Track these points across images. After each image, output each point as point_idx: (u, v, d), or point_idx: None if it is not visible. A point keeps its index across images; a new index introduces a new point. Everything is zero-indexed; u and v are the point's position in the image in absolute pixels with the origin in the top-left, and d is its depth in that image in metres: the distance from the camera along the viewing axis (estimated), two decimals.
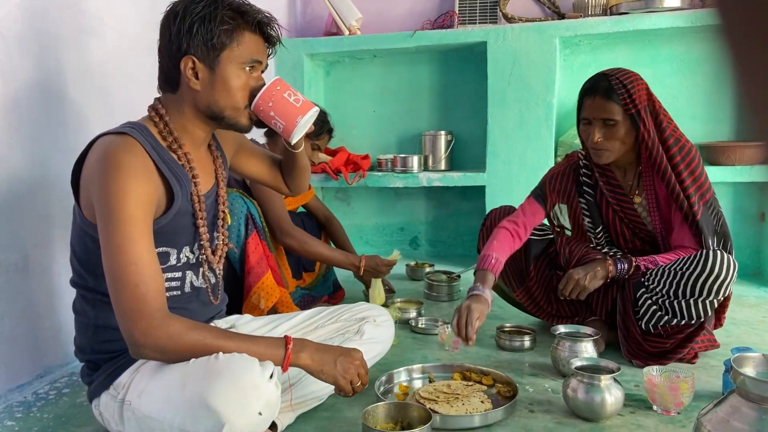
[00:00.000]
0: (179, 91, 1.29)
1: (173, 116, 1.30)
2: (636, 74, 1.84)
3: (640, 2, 2.87)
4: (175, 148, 1.29)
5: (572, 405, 1.46)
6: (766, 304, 2.46)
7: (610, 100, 1.78)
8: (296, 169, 1.63)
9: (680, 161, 1.80)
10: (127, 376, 1.25)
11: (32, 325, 1.73)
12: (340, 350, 1.29)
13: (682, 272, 1.72)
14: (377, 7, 3.47)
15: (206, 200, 1.36)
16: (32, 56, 1.72)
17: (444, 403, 1.49)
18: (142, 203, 1.15)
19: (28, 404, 1.61)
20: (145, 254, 1.13)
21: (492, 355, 1.93)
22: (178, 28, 1.23)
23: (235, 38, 1.25)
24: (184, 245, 1.33)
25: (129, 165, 1.16)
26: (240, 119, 1.31)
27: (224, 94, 1.27)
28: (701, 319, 1.73)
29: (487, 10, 3.26)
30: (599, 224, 1.99)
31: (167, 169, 1.24)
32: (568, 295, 1.84)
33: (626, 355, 1.83)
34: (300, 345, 1.23)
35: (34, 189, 1.74)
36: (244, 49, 1.27)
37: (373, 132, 3.55)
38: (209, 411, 1.07)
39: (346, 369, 1.27)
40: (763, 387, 1.07)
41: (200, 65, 1.25)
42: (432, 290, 2.62)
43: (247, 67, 1.28)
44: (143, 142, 1.22)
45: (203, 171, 1.37)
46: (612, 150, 1.82)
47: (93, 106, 1.93)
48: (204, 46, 1.23)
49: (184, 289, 1.35)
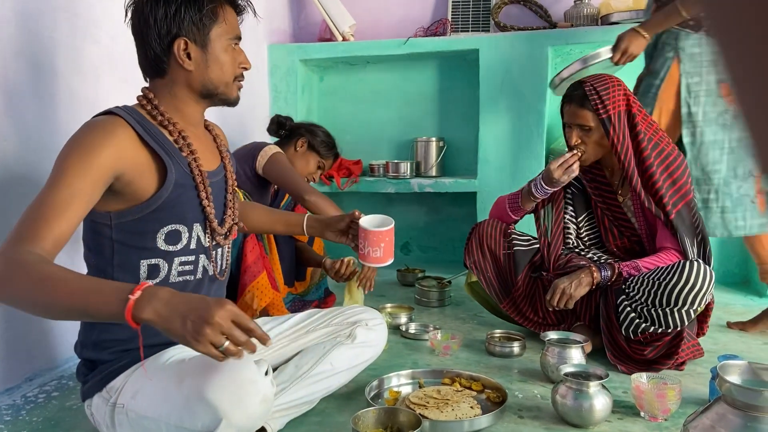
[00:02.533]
0: (168, 74, 1.30)
1: (163, 100, 1.31)
2: (614, 79, 1.94)
3: (630, 12, 2.91)
4: (166, 125, 1.29)
5: (561, 411, 1.48)
6: (752, 313, 2.48)
7: (582, 107, 1.92)
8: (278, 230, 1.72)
9: (655, 165, 1.89)
10: (121, 380, 1.25)
11: (21, 328, 1.73)
12: (196, 305, 0.99)
13: (659, 282, 1.76)
14: (371, 14, 3.49)
15: (212, 178, 1.36)
16: (26, 59, 1.72)
17: (434, 409, 1.49)
18: (93, 165, 1.12)
19: (17, 407, 1.61)
20: (58, 200, 1.08)
21: (482, 360, 1.94)
22: (164, 13, 1.25)
23: (219, 15, 1.29)
24: (193, 221, 1.31)
25: (98, 131, 1.17)
26: (231, 93, 1.36)
27: (217, 70, 1.30)
28: (678, 328, 1.77)
29: (480, 18, 3.29)
30: (582, 214, 2.08)
31: (155, 143, 1.24)
32: (555, 305, 1.88)
33: (611, 360, 1.86)
34: (152, 293, 0.99)
35: (27, 191, 1.73)
36: (229, 25, 1.31)
37: (366, 138, 3.56)
38: (207, 405, 1.08)
39: (196, 330, 0.97)
40: (748, 395, 1.09)
41: (192, 45, 1.27)
42: (423, 296, 2.63)
43: (233, 42, 1.33)
44: (128, 118, 1.22)
45: (204, 149, 1.37)
46: (588, 152, 1.95)
47: (86, 109, 1.93)
48: (194, 26, 1.26)
49: (197, 274, 1.35)
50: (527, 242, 2.15)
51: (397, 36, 3.30)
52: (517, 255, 2.12)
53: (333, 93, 3.58)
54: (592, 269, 1.88)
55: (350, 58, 3.37)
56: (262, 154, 2.26)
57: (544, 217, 2.13)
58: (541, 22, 3.25)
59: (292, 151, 2.44)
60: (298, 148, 2.44)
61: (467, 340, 2.11)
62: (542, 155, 3.04)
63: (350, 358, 1.53)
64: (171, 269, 1.30)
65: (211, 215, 1.34)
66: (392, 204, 3.59)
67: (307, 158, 2.46)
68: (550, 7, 3.27)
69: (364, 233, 1.51)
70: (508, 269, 2.13)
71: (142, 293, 0.98)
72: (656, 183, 1.88)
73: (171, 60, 1.28)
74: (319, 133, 2.48)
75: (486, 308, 2.28)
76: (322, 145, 2.46)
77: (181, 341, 0.99)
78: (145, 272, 1.27)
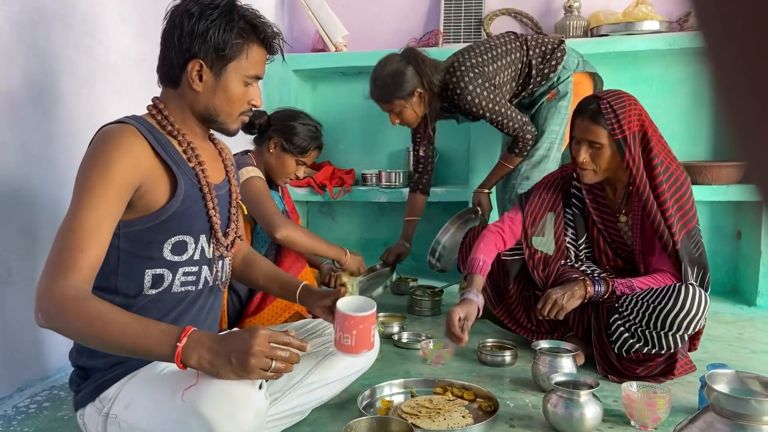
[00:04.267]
0: (179, 88, 1.31)
1: (172, 111, 1.32)
2: (631, 98, 1.86)
3: (620, 25, 2.94)
4: (176, 135, 1.30)
5: (552, 420, 1.49)
6: (741, 321, 2.51)
7: (596, 123, 1.81)
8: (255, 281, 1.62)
9: (666, 190, 1.82)
10: (115, 390, 1.24)
11: (13, 338, 1.72)
12: (235, 343, 1.09)
13: (654, 305, 1.74)
14: (364, 24, 3.51)
15: (218, 191, 1.37)
16: (19, 69, 1.72)
17: (426, 418, 1.50)
18: (116, 181, 1.15)
19: (8, 418, 1.60)
20: (94, 226, 1.12)
21: (474, 369, 1.95)
22: (192, 29, 1.25)
23: (244, 51, 1.29)
24: (199, 233, 1.33)
25: (114, 144, 1.18)
26: (231, 125, 1.36)
27: (223, 101, 1.31)
28: (671, 350, 1.77)
29: (471, 29, 3.32)
30: (582, 236, 2.03)
31: (166, 154, 1.25)
32: (546, 314, 1.86)
33: (601, 372, 1.86)
34: (196, 340, 1.08)
35: (20, 201, 1.74)
36: (250, 63, 1.31)
37: (359, 147, 3.58)
38: (201, 419, 1.08)
39: (244, 365, 1.07)
40: (735, 403, 1.10)
41: (207, 70, 1.27)
42: (415, 305, 2.63)
43: (249, 80, 1.32)
44: (140, 128, 1.23)
45: (210, 161, 1.38)
46: (597, 171, 1.86)
47: (80, 119, 1.94)
48: (215, 53, 1.26)
49: (198, 285, 1.35)
50: (520, 253, 2.12)
51: (390, 47, 3.31)
52: (506, 263, 2.12)
53: (326, 103, 3.60)
54: (586, 282, 1.84)
55: (343, 69, 3.39)
56: (239, 174, 2.06)
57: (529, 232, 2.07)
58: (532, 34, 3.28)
59: (266, 152, 2.25)
60: (271, 149, 2.24)
61: (459, 349, 2.11)
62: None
63: (342, 368, 1.53)
64: (174, 279, 1.30)
65: (217, 226, 1.35)
66: (384, 213, 3.60)
67: (282, 160, 2.24)
68: (541, 19, 3.31)
69: (336, 315, 1.36)
70: (500, 276, 2.14)
71: (188, 340, 1.07)
72: (667, 210, 1.80)
73: (183, 76, 1.29)
74: (295, 131, 2.22)
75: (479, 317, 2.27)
76: (295, 147, 2.21)
77: (234, 378, 1.09)
78: (149, 282, 1.27)
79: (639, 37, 2.88)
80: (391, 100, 2.41)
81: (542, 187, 2.11)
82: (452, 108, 2.51)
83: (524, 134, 2.46)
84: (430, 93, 2.41)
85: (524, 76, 2.52)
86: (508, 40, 2.51)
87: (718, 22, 0.24)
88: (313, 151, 2.30)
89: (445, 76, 2.41)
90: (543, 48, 2.52)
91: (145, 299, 1.27)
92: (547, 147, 2.54)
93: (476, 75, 2.37)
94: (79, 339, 1.15)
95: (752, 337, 2.30)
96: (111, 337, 1.07)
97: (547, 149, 2.54)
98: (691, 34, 2.83)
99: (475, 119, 2.51)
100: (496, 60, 2.43)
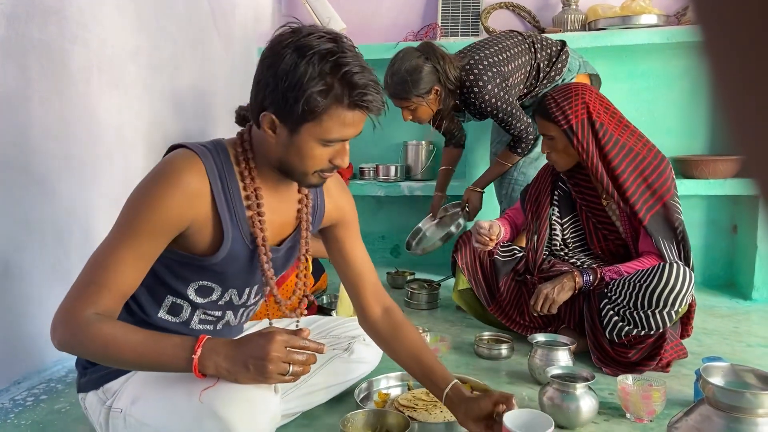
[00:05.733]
0: (260, 129, 1.15)
1: (256, 147, 1.20)
2: (580, 88, 1.98)
3: (617, 18, 2.94)
4: (245, 176, 1.19)
5: (548, 412, 1.48)
6: (737, 315, 2.52)
7: (545, 118, 1.98)
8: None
9: (624, 170, 1.92)
10: (119, 383, 1.24)
11: (10, 330, 1.72)
12: (252, 349, 1.07)
13: (640, 284, 1.79)
14: (361, 18, 3.51)
15: (275, 254, 1.26)
16: (14, 61, 1.71)
17: (422, 411, 1.50)
18: (162, 222, 1.09)
19: (5, 411, 1.60)
20: (127, 265, 1.08)
21: (470, 362, 1.95)
22: (269, 80, 1.07)
23: (321, 116, 1.07)
24: (233, 287, 1.26)
25: (175, 181, 1.10)
26: (305, 180, 1.19)
27: (297, 160, 1.14)
28: (660, 330, 1.80)
29: (469, 23, 3.31)
30: (567, 215, 2.11)
31: (224, 201, 1.16)
32: (539, 309, 1.91)
33: (596, 363, 1.88)
34: (211, 348, 1.07)
35: (16, 194, 1.73)
36: (335, 126, 1.09)
37: (356, 141, 3.55)
38: (219, 421, 1.07)
39: (262, 371, 1.06)
40: (730, 396, 1.11)
41: (279, 124, 1.10)
42: (412, 298, 2.64)
43: (331, 144, 1.13)
44: (209, 167, 1.14)
45: (276, 215, 1.25)
46: (559, 161, 2.01)
47: (75, 112, 1.93)
48: (286, 109, 1.08)
49: (217, 326, 1.32)
50: (510, 254, 2.19)
51: (387, 40, 3.32)
52: (497, 263, 2.17)
53: None
54: (575, 274, 1.92)
55: None
56: None
57: (531, 220, 2.17)
58: (530, 28, 3.28)
59: None
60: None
61: (456, 342, 2.12)
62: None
63: (344, 372, 1.54)
64: (193, 316, 1.28)
65: (272, 281, 1.25)
66: (382, 207, 3.60)
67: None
68: (539, 12, 3.30)
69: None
70: (491, 276, 2.19)
71: (203, 350, 1.06)
72: (627, 189, 1.90)
73: (260, 122, 1.13)
74: None
75: (474, 316, 2.30)
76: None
77: (252, 383, 1.08)
78: (167, 306, 1.25)
79: (636, 30, 2.88)
80: (408, 97, 2.37)
81: (538, 177, 2.24)
82: (463, 106, 2.49)
83: (527, 135, 2.46)
84: (446, 90, 2.39)
85: (532, 78, 2.51)
86: (517, 42, 2.48)
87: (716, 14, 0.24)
88: None
89: (461, 73, 2.39)
90: (549, 50, 2.51)
91: (161, 323, 1.25)
92: None
93: (494, 74, 2.36)
94: (99, 361, 1.14)
95: (748, 331, 2.30)
96: (127, 358, 1.07)
97: None
98: (688, 28, 2.83)
99: (483, 118, 2.50)
100: (511, 61, 2.42)
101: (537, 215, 2.14)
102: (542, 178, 2.21)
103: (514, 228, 2.25)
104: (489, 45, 2.46)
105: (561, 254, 2.12)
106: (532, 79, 2.52)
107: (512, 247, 2.21)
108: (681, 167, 2.86)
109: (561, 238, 2.13)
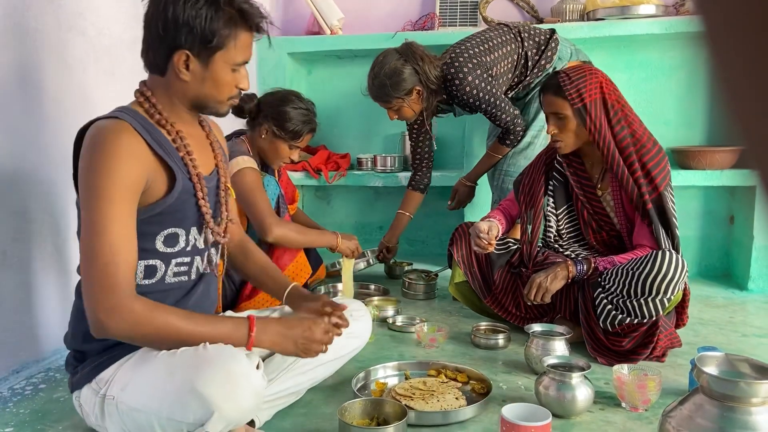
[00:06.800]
0: (166, 76, 1.28)
1: (160, 98, 1.30)
2: (591, 69, 1.96)
3: (616, 9, 2.93)
4: (164, 124, 1.29)
5: (544, 401, 1.50)
6: (733, 305, 2.53)
7: (557, 96, 1.93)
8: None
9: (634, 153, 1.90)
10: (111, 372, 1.25)
11: (8, 320, 1.72)
12: (302, 330, 1.32)
13: (633, 272, 1.80)
14: (359, 7, 3.49)
15: (208, 183, 1.36)
16: (12, 51, 1.71)
17: (419, 400, 1.51)
18: (126, 184, 1.16)
19: (4, 399, 1.61)
20: (121, 234, 1.15)
21: (467, 352, 1.96)
22: (176, 17, 1.20)
23: (232, 39, 1.25)
24: (190, 225, 1.33)
25: (116, 145, 1.17)
26: (221, 109, 1.35)
27: (212, 89, 1.29)
28: (653, 318, 1.81)
29: (468, 13, 3.30)
30: (562, 206, 2.11)
31: (161, 149, 1.25)
32: (533, 298, 1.92)
33: (591, 352, 1.89)
34: (263, 327, 1.26)
35: (13, 183, 1.73)
36: (238, 50, 1.27)
37: (354, 131, 3.57)
38: (199, 398, 1.09)
39: (306, 349, 1.33)
40: (724, 385, 1.12)
41: (193, 59, 1.24)
42: (409, 288, 2.65)
43: (238, 67, 1.30)
44: (134, 124, 1.22)
45: (200, 148, 1.37)
46: (566, 141, 1.96)
47: (72, 101, 1.93)
48: (201, 43, 1.22)
49: (191, 275, 1.37)
50: (504, 246, 2.20)
51: (386, 30, 3.30)
52: (492, 256, 2.18)
53: (321, 86, 3.58)
54: (568, 263, 1.93)
55: (338, 52, 3.36)
56: (231, 164, 2.08)
57: (524, 211, 2.17)
58: (528, 18, 3.27)
59: (258, 138, 2.24)
60: (262, 135, 2.23)
61: (453, 332, 2.13)
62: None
63: (336, 348, 1.55)
64: (167, 270, 1.31)
65: (208, 216, 1.35)
66: (380, 197, 3.60)
67: (274, 145, 2.24)
68: (537, 2, 3.29)
69: (503, 424, 1.25)
70: (486, 268, 2.20)
71: (257, 329, 1.25)
72: (636, 171, 1.89)
73: (170, 65, 1.26)
74: (286, 117, 2.19)
75: (471, 308, 2.31)
76: (288, 133, 2.20)
77: (293, 356, 1.36)
78: (141, 272, 1.28)
79: (635, 21, 2.87)
80: (390, 100, 2.41)
81: (531, 166, 2.22)
82: (450, 100, 2.50)
83: (515, 127, 2.48)
84: (428, 90, 2.41)
85: (521, 68, 2.51)
86: (501, 32, 2.50)
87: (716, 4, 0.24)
88: (307, 134, 2.27)
89: (443, 68, 2.40)
90: (537, 39, 2.51)
91: (140, 289, 1.26)
92: (534, 134, 2.58)
93: (475, 65, 2.37)
94: (154, 347, 1.23)
95: (743, 321, 2.32)
96: (184, 344, 1.19)
97: (533, 136, 2.58)
98: (687, 19, 2.82)
99: (472, 112, 2.51)
100: (492, 51, 2.43)
101: (531, 205, 2.13)
102: (535, 168, 2.19)
103: (510, 219, 2.24)
104: (471, 38, 2.48)
105: (555, 246, 2.12)
106: (521, 68, 2.51)
107: (507, 240, 2.21)
108: (678, 158, 2.87)
109: (556, 229, 2.13)
